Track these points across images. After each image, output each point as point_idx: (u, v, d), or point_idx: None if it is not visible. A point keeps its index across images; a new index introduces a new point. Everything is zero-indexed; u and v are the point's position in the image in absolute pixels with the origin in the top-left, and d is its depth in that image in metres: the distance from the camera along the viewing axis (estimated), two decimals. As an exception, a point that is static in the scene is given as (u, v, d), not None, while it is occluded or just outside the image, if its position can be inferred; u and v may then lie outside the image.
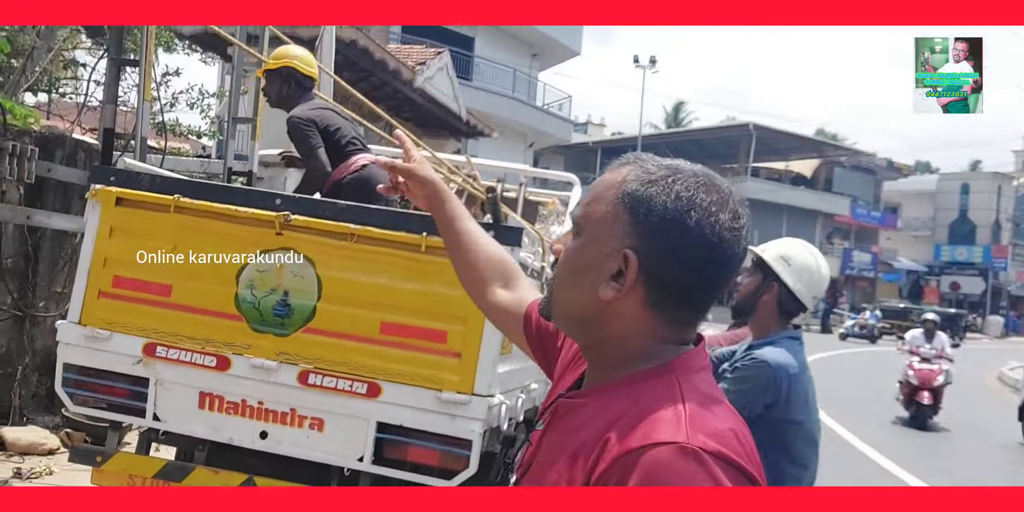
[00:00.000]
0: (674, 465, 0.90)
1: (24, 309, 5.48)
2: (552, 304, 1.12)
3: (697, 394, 1.00)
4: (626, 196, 1.05)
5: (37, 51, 8.26)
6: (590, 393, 1.10)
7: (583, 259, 1.07)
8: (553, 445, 1.08)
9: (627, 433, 0.95)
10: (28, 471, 4.57)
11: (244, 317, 3.24)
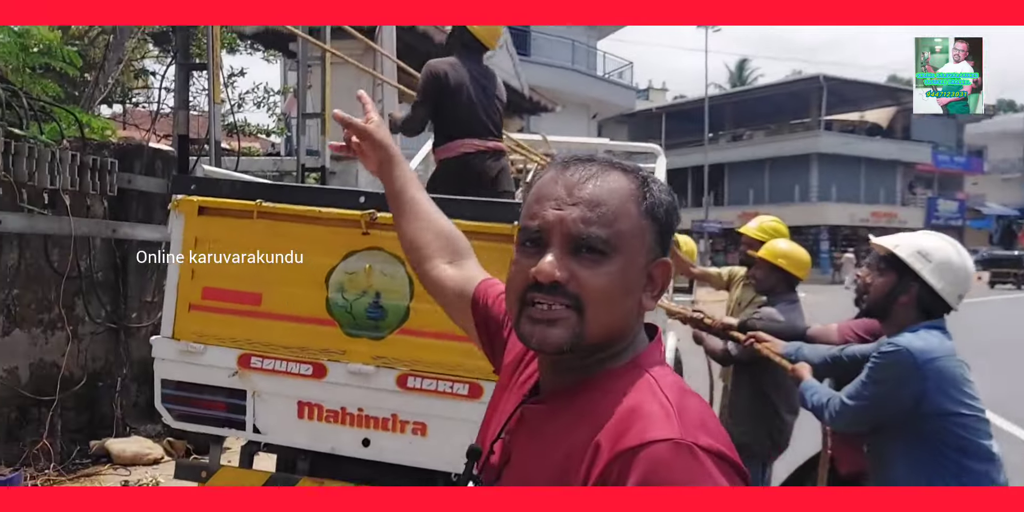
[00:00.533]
0: (672, 461, 0.90)
1: (118, 321, 5.54)
2: (586, 334, 1.01)
3: (674, 389, 1.00)
4: (650, 207, 1.04)
5: (108, 63, 8.38)
6: (560, 397, 1.06)
7: (628, 279, 1.02)
8: (530, 453, 1.05)
9: (619, 435, 0.94)
10: (136, 482, 4.61)
11: (337, 322, 3.12)
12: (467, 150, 3.95)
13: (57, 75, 7.12)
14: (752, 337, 3.18)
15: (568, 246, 1.01)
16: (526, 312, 1.02)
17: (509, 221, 2.93)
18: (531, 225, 1.04)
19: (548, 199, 1.03)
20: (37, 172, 4.48)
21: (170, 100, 8.77)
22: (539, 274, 0.99)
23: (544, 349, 1.02)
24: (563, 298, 1.00)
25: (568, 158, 1.08)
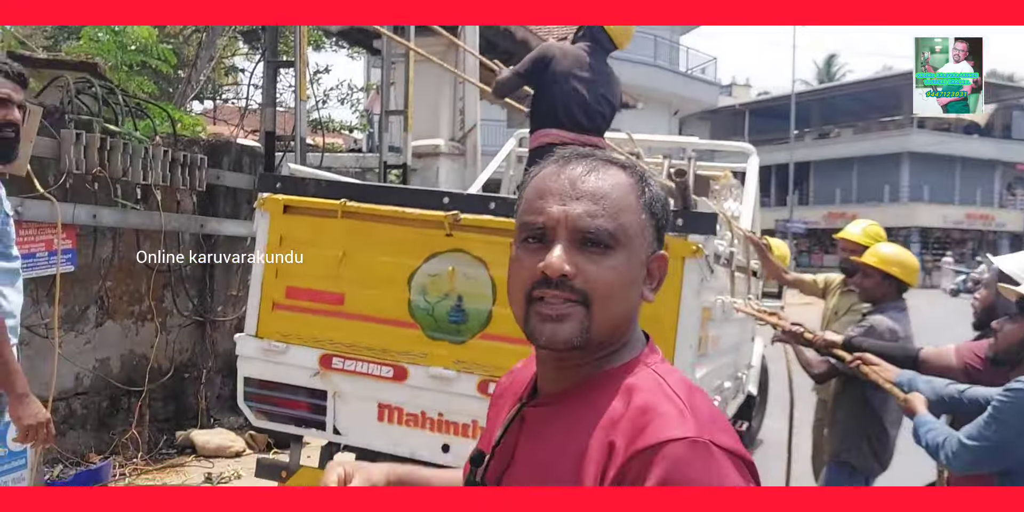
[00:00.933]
0: (690, 459, 0.90)
1: (204, 314, 5.65)
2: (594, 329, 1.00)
3: (682, 386, 1.01)
4: (649, 202, 1.05)
5: (200, 61, 8.60)
6: (563, 397, 1.05)
7: (632, 272, 1.03)
8: (536, 455, 1.04)
9: (635, 434, 0.94)
10: (218, 476, 4.69)
11: (419, 324, 3.07)
12: (550, 141, 3.82)
13: (152, 72, 7.34)
14: (859, 359, 2.96)
15: (574, 240, 1.00)
16: (533, 309, 1.01)
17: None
18: (535, 220, 1.02)
19: (551, 194, 1.02)
20: (131, 168, 4.58)
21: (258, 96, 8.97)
22: (548, 268, 0.98)
23: (554, 346, 1.01)
24: (571, 293, 0.99)
25: (566, 154, 1.08)
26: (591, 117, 3.89)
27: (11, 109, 2.49)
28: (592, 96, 3.88)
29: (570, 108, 3.84)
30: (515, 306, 1.05)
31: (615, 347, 1.05)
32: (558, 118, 3.84)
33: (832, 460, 3.46)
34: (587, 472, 0.95)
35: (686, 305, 2.69)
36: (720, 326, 3.47)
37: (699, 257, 2.67)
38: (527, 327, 1.03)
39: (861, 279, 3.49)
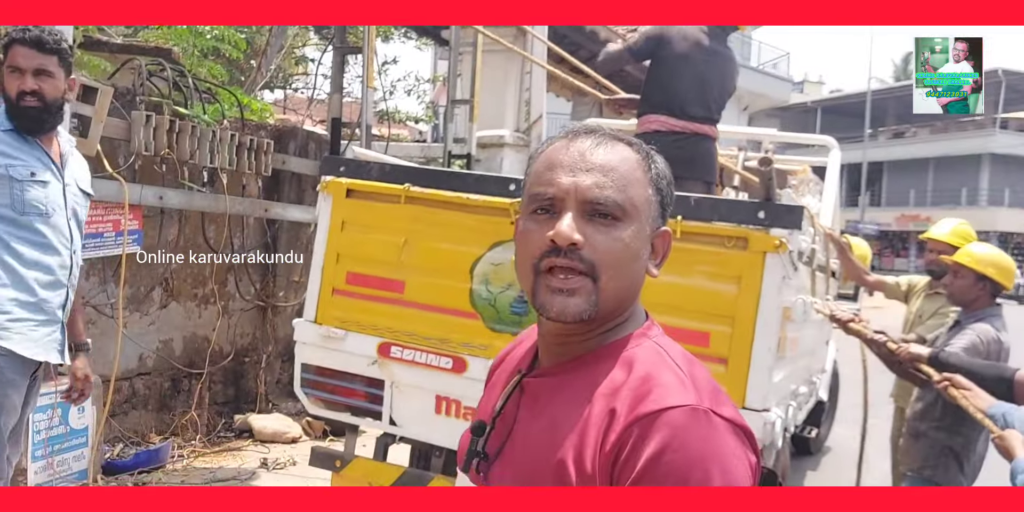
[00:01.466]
0: (690, 425, 0.92)
1: (266, 299, 5.66)
2: (601, 301, 1.01)
3: (683, 357, 1.03)
4: (655, 177, 1.07)
5: (271, 49, 8.65)
6: (566, 369, 1.07)
7: (638, 245, 1.04)
8: (537, 425, 1.04)
9: (637, 401, 0.95)
10: (273, 461, 4.68)
11: (480, 315, 2.96)
12: (656, 128, 3.68)
13: (225, 60, 7.41)
14: (948, 380, 2.72)
15: (583, 211, 1.01)
16: (543, 281, 1.01)
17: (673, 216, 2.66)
18: (545, 192, 1.03)
19: (560, 166, 1.03)
20: (198, 151, 4.59)
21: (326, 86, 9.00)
22: (557, 237, 0.99)
23: (564, 319, 1.01)
24: (579, 263, 0.99)
25: (574, 129, 1.09)
26: (704, 105, 3.72)
27: (24, 78, 2.45)
28: (708, 82, 3.71)
29: (682, 94, 3.68)
30: (523, 278, 1.05)
31: (619, 321, 1.06)
32: (669, 104, 3.68)
33: (914, 474, 3.23)
34: (588, 438, 0.96)
35: (766, 303, 2.52)
36: (799, 327, 3.27)
37: (782, 252, 2.49)
38: (536, 300, 1.03)
39: (952, 280, 3.24)
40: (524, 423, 1.07)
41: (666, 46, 3.69)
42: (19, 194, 2.47)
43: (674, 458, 0.90)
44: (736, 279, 2.56)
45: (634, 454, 0.92)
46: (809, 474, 5.89)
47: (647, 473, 0.90)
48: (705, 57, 3.71)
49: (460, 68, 9.04)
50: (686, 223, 2.60)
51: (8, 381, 2.44)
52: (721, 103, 3.81)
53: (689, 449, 0.91)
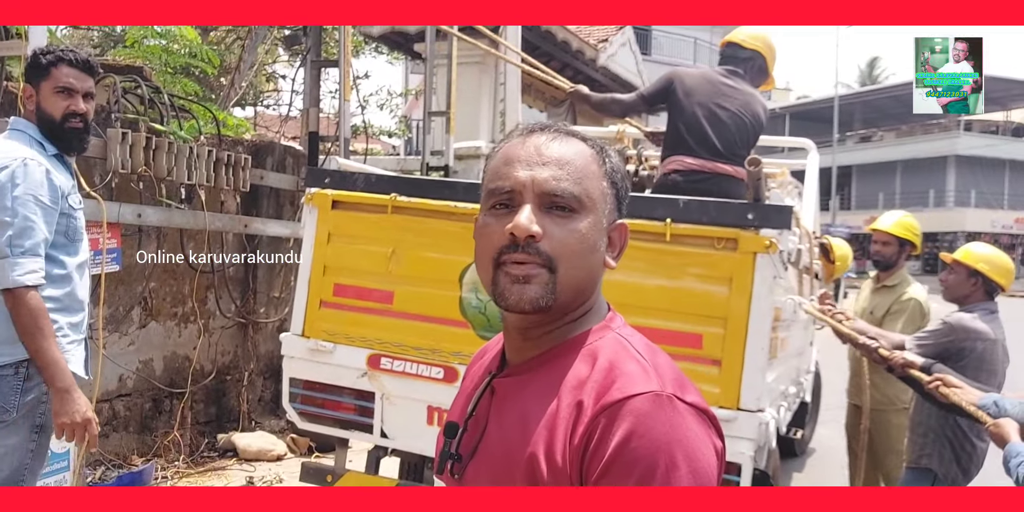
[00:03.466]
0: (654, 412, 0.93)
1: (247, 316, 5.59)
2: (559, 291, 1.02)
3: (645, 347, 1.05)
4: (610, 171, 1.09)
5: (243, 65, 8.60)
6: (532, 366, 1.08)
7: (595, 237, 1.05)
8: (511, 422, 1.05)
9: (602, 392, 0.97)
10: (260, 479, 4.60)
11: (471, 323, 2.95)
12: (676, 167, 3.63)
13: (196, 78, 7.35)
14: (939, 380, 2.75)
15: (540, 204, 1.02)
16: (502, 271, 1.02)
17: (661, 219, 2.68)
18: (502, 186, 1.04)
19: (517, 161, 1.05)
20: (175, 167, 4.53)
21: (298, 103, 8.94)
22: (516, 229, 1.00)
23: (522, 307, 1.01)
24: (537, 256, 1.00)
25: (529, 126, 1.10)
26: (725, 143, 3.62)
27: (75, 99, 2.47)
28: (724, 120, 3.63)
29: (699, 133, 3.61)
30: (482, 272, 1.06)
31: (579, 313, 1.07)
32: (688, 145, 3.62)
33: (912, 465, 3.27)
34: (557, 432, 0.97)
35: (758, 304, 2.53)
36: (788, 328, 3.29)
37: (772, 253, 2.51)
38: (495, 290, 1.04)
39: (947, 275, 3.33)
40: (495, 423, 1.09)
41: (677, 88, 3.66)
42: (73, 222, 2.54)
43: (640, 444, 0.91)
44: (727, 280, 2.57)
45: (602, 443, 0.93)
46: (795, 476, 5.91)
47: (616, 460, 0.92)
48: (719, 96, 3.66)
49: (435, 81, 9.05)
50: (676, 225, 2.61)
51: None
52: (744, 141, 3.70)
53: (655, 434, 0.92)
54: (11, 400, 2.35)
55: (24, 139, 2.45)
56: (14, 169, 2.33)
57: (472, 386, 1.19)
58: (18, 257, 2.31)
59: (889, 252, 4.02)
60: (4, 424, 2.35)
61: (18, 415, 2.36)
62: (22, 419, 2.37)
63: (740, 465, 2.57)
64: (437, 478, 1.16)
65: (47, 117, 2.48)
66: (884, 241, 4.05)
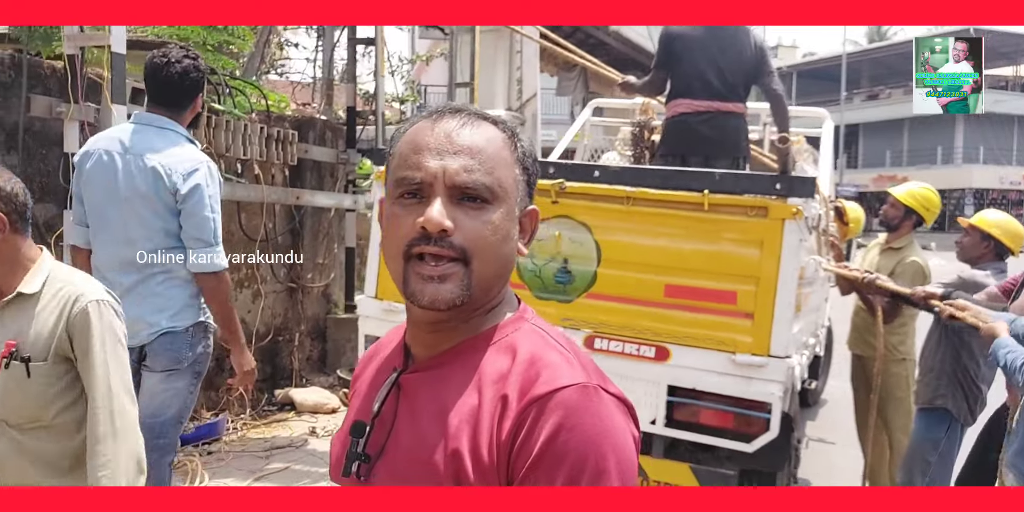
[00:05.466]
0: (582, 403, 0.93)
1: (295, 281, 5.97)
2: (474, 286, 0.99)
3: (563, 337, 1.05)
4: (521, 156, 1.06)
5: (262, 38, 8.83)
6: (442, 361, 1.04)
7: (508, 226, 1.02)
8: (423, 419, 1.01)
9: (528, 384, 0.95)
10: (322, 429, 5.03)
11: (527, 285, 3.31)
12: (682, 110, 4.00)
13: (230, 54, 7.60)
14: (950, 304, 3.09)
15: (452, 196, 0.99)
16: (414, 269, 0.99)
17: (699, 190, 3.02)
18: (412, 176, 1.00)
19: (426, 149, 1.00)
20: (233, 143, 4.86)
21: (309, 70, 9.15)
22: (428, 224, 0.96)
23: (436, 306, 0.99)
24: (450, 250, 0.98)
25: (438, 108, 1.06)
26: (722, 82, 3.97)
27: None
28: (719, 60, 3.97)
29: (698, 76, 3.96)
30: (392, 264, 1.03)
31: (492, 305, 1.05)
32: (693, 89, 3.98)
33: (925, 406, 3.62)
34: (481, 426, 0.95)
35: (786, 264, 2.89)
36: (810, 285, 3.65)
37: (799, 219, 2.85)
38: (406, 289, 1.00)
39: (962, 238, 3.69)
40: (406, 420, 1.04)
41: (674, 40, 4.01)
42: None
43: (570, 437, 0.91)
44: (759, 244, 2.93)
45: (530, 437, 0.92)
46: (809, 425, 6.31)
47: (545, 454, 0.91)
48: (712, 36, 3.99)
49: (445, 48, 9.26)
50: (712, 196, 2.95)
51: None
52: (742, 78, 4.04)
53: (584, 427, 0.91)
54: (185, 353, 2.82)
55: (184, 139, 2.87)
56: (205, 172, 2.75)
57: (369, 385, 1.14)
58: (219, 245, 2.82)
59: (892, 215, 4.29)
60: (176, 371, 2.82)
61: (187, 365, 2.84)
62: (188, 368, 2.84)
63: (770, 404, 2.95)
64: (334, 481, 1.11)
65: (196, 118, 2.86)
66: (892, 204, 4.34)
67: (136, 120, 2.94)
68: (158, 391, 2.83)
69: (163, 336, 2.81)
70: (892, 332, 3.94)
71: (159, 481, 2.84)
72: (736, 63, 4.01)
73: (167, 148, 2.80)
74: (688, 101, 4.00)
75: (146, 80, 2.95)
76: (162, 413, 2.83)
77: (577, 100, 17.48)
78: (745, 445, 3.02)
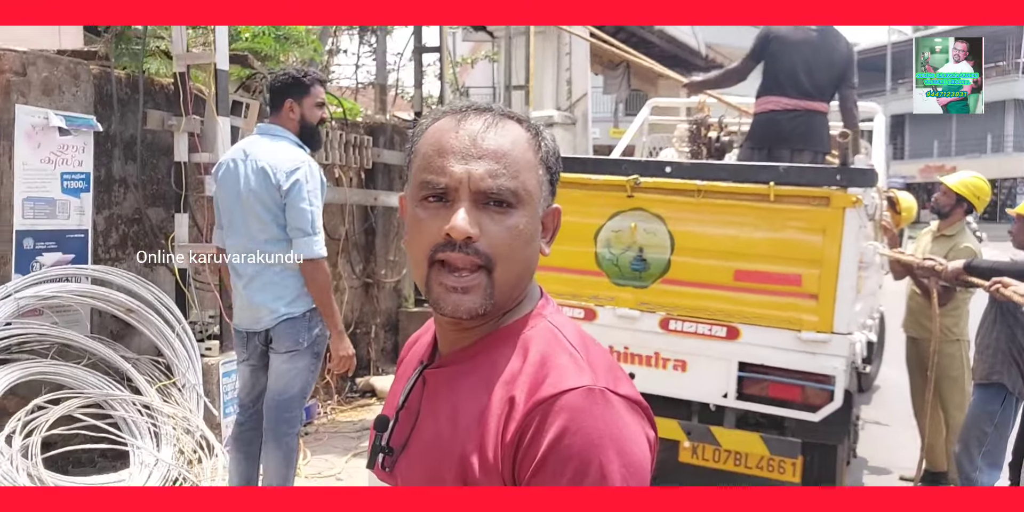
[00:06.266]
0: (588, 407, 0.92)
1: (371, 276, 6.36)
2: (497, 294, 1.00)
3: (577, 336, 1.03)
4: (545, 156, 1.05)
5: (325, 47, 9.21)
6: (463, 357, 1.05)
7: (532, 229, 1.02)
8: (444, 416, 1.02)
9: (535, 387, 0.95)
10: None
11: (605, 273, 3.62)
12: (772, 107, 4.28)
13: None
14: (998, 282, 3.33)
15: (477, 201, 0.98)
16: (438, 277, 0.99)
17: (765, 182, 3.30)
18: (437, 181, 0.99)
19: (451, 152, 0.99)
20: (319, 150, 5.25)
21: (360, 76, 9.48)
22: (453, 231, 0.96)
23: (458, 316, 0.99)
24: (475, 256, 0.97)
25: (461, 107, 1.05)
26: (813, 83, 4.23)
27: (324, 110, 3.22)
28: (812, 63, 4.22)
29: (791, 76, 4.22)
30: (416, 268, 1.03)
31: (513, 304, 1.05)
32: (783, 87, 4.25)
33: (982, 382, 3.85)
34: (489, 427, 0.95)
35: (847, 250, 3.16)
36: (867, 269, 3.90)
37: (859, 207, 3.12)
38: (430, 296, 1.01)
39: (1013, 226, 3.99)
40: (426, 415, 1.06)
41: (772, 40, 4.27)
42: None
43: (574, 440, 0.90)
44: (821, 231, 3.20)
45: (535, 440, 0.91)
46: (864, 409, 6.51)
47: (548, 458, 0.90)
48: (808, 41, 4.24)
49: (500, 52, 9.57)
50: (778, 188, 3.23)
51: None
52: (830, 80, 4.29)
53: (588, 430, 0.90)
54: (303, 335, 3.16)
55: (292, 143, 3.18)
56: (305, 169, 3.08)
57: (406, 376, 1.15)
58: (316, 235, 3.10)
59: (944, 202, 4.52)
60: (297, 352, 3.16)
61: (306, 347, 3.17)
62: (307, 349, 3.18)
63: (834, 377, 3.23)
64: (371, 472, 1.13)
65: (308, 125, 3.21)
66: (944, 192, 4.56)
67: (256, 131, 3.32)
68: (283, 371, 3.20)
69: (284, 321, 3.17)
70: (946, 314, 4.17)
71: (288, 450, 3.22)
72: (827, 66, 4.25)
73: (275, 151, 3.15)
74: (778, 98, 4.26)
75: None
76: (288, 390, 3.20)
77: (621, 98, 17.72)
78: (811, 415, 3.29)
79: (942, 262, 3.72)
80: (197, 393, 4.21)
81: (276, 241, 3.13)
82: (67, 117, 3.98)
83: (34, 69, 3.88)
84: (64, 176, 4.04)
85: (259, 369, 3.27)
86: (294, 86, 3.21)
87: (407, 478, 1.05)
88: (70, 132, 4.00)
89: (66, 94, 4.05)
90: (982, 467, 3.70)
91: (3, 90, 3.75)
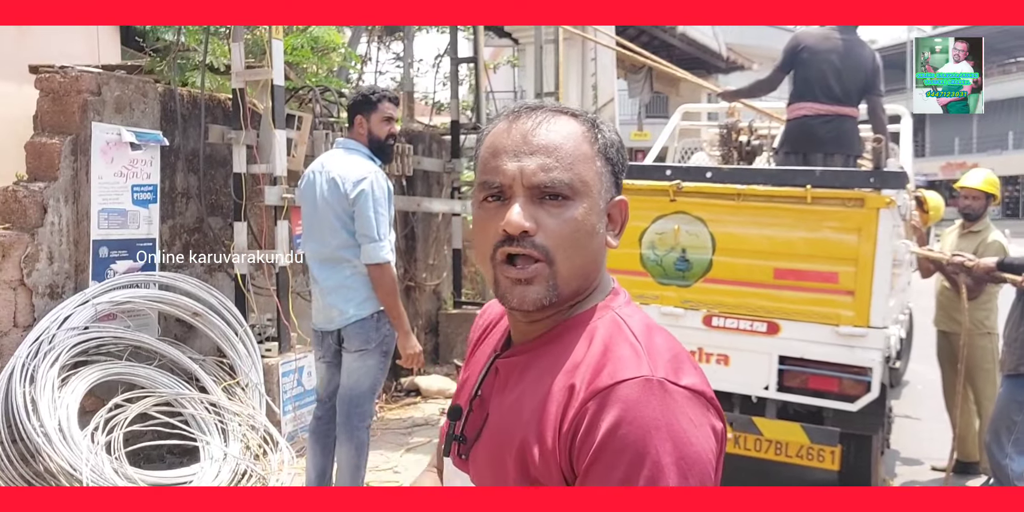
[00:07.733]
0: (644, 397, 0.91)
1: (411, 280, 6.59)
2: (560, 284, 1.01)
3: (642, 327, 1.02)
4: (603, 148, 1.05)
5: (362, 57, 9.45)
6: (532, 347, 1.07)
7: (592, 221, 1.02)
8: (509, 404, 1.05)
9: (593, 377, 0.95)
10: (453, 410, 5.61)
11: (649, 273, 3.82)
12: (804, 113, 4.45)
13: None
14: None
15: (531, 196, 1.00)
16: (502, 272, 1.02)
17: (802, 185, 3.49)
18: (492, 181, 1.02)
19: (504, 151, 1.02)
20: (363, 159, 5.48)
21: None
22: (508, 226, 0.98)
23: (524, 308, 1.02)
24: (533, 249, 0.99)
25: (516, 107, 1.07)
26: (842, 89, 4.40)
27: (393, 124, 3.43)
28: (841, 69, 4.39)
29: (821, 83, 4.39)
30: (483, 267, 1.06)
31: (583, 296, 1.06)
32: (815, 93, 4.42)
33: (1011, 373, 3.99)
34: (548, 415, 0.96)
35: (882, 248, 3.34)
36: (900, 266, 4.08)
37: (892, 208, 3.30)
38: (497, 291, 1.04)
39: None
40: (497, 404, 1.07)
41: (801, 48, 4.45)
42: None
43: (629, 430, 0.90)
44: (857, 230, 3.39)
45: (591, 429, 0.92)
46: (895, 404, 6.65)
47: (605, 448, 0.90)
48: (835, 49, 4.42)
49: (524, 59, 9.77)
50: (815, 190, 3.42)
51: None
52: (858, 86, 4.45)
53: (644, 420, 0.90)
54: (372, 336, 3.39)
55: (364, 156, 3.40)
56: (371, 180, 3.29)
57: (480, 362, 1.17)
58: (383, 241, 3.30)
59: (978, 206, 4.69)
60: (367, 351, 3.39)
61: (375, 346, 3.39)
62: (376, 348, 3.40)
63: (871, 368, 3.41)
64: (447, 459, 1.15)
65: (376, 139, 3.43)
66: (974, 196, 4.70)
67: (335, 145, 3.57)
68: (354, 369, 3.42)
69: (354, 322, 3.40)
70: (978, 308, 4.33)
71: (359, 442, 3.45)
72: (854, 72, 4.41)
73: (347, 163, 3.38)
74: (811, 104, 4.43)
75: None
76: (359, 386, 3.42)
77: (644, 100, 17.90)
78: (850, 405, 3.47)
79: (971, 258, 3.88)
80: (259, 391, 4.45)
81: (346, 247, 3.35)
82: (137, 133, 4.24)
83: (108, 88, 4.14)
84: (134, 188, 4.30)
85: (334, 366, 3.50)
86: (363, 103, 3.44)
87: (478, 466, 1.07)
88: (140, 147, 4.27)
89: (135, 111, 4.31)
90: (1012, 455, 3.85)
91: (81, 109, 4.01)
